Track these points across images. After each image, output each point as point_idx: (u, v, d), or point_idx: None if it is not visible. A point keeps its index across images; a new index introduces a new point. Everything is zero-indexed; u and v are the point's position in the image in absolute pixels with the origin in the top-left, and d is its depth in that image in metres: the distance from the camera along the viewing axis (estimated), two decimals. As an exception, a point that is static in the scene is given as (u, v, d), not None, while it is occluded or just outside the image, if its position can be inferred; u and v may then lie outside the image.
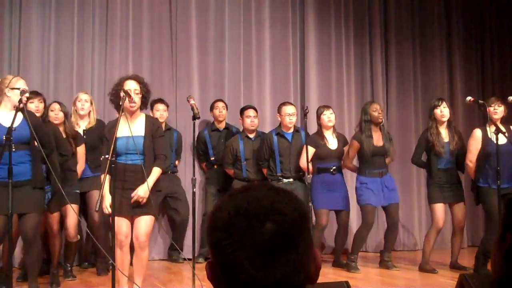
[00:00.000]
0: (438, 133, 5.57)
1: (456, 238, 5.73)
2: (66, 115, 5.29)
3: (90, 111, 5.52)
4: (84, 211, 5.58)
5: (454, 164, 5.66)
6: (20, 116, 4.18)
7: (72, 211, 4.98)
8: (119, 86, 4.29)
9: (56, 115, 5.19)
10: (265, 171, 6.09)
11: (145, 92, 4.35)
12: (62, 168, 4.85)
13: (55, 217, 4.97)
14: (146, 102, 4.44)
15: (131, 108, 4.25)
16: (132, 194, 4.14)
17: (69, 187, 4.87)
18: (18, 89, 4.20)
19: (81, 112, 5.47)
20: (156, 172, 4.26)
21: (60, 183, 4.30)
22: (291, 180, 5.95)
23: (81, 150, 5.28)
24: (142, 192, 4.15)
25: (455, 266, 5.69)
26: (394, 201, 5.82)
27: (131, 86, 4.27)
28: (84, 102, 5.48)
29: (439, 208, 5.57)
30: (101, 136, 5.41)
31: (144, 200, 4.15)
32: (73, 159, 5.20)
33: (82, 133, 5.42)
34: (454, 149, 5.58)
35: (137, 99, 4.27)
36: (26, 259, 4.39)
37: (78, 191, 5.21)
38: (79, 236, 5.37)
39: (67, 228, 5.15)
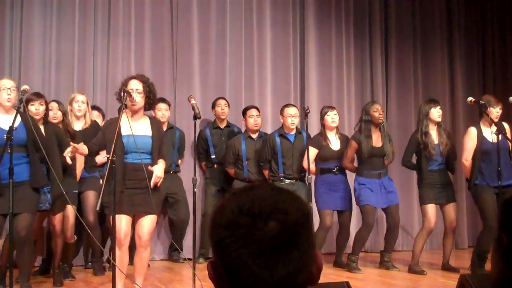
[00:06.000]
0: (430, 135, 5.58)
1: (447, 239, 5.72)
2: (65, 114, 5.28)
3: (86, 112, 5.52)
4: (79, 212, 5.53)
5: (444, 165, 5.67)
6: (18, 119, 4.21)
7: (69, 213, 5.03)
8: (123, 86, 4.29)
9: (54, 114, 5.17)
10: (266, 172, 6.10)
11: (148, 92, 4.30)
12: (64, 168, 4.85)
13: (57, 217, 4.96)
14: (151, 102, 4.41)
15: (132, 107, 4.25)
16: (153, 179, 4.15)
17: (67, 187, 4.87)
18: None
19: (78, 114, 5.46)
20: (163, 162, 4.31)
21: (62, 184, 4.32)
22: (293, 180, 5.97)
23: None
24: (158, 171, 4.18)
25: (446, 267, 5.68)
26: (393, 202, 5.80)
27: (134, 85, 4.27)
28: (81, 103, 5.46)
29: (431, 209, 5.58)
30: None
31: (161, 181, 4.21)
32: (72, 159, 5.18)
33: None
34: (444, 151, 5.59)
35: (139, 98, 4.24)
36: (18, 259, 4.40)
37: (76, 191, 5.20)
38: (75, 237, 5.36)
39: (64, 230, 5.14)
